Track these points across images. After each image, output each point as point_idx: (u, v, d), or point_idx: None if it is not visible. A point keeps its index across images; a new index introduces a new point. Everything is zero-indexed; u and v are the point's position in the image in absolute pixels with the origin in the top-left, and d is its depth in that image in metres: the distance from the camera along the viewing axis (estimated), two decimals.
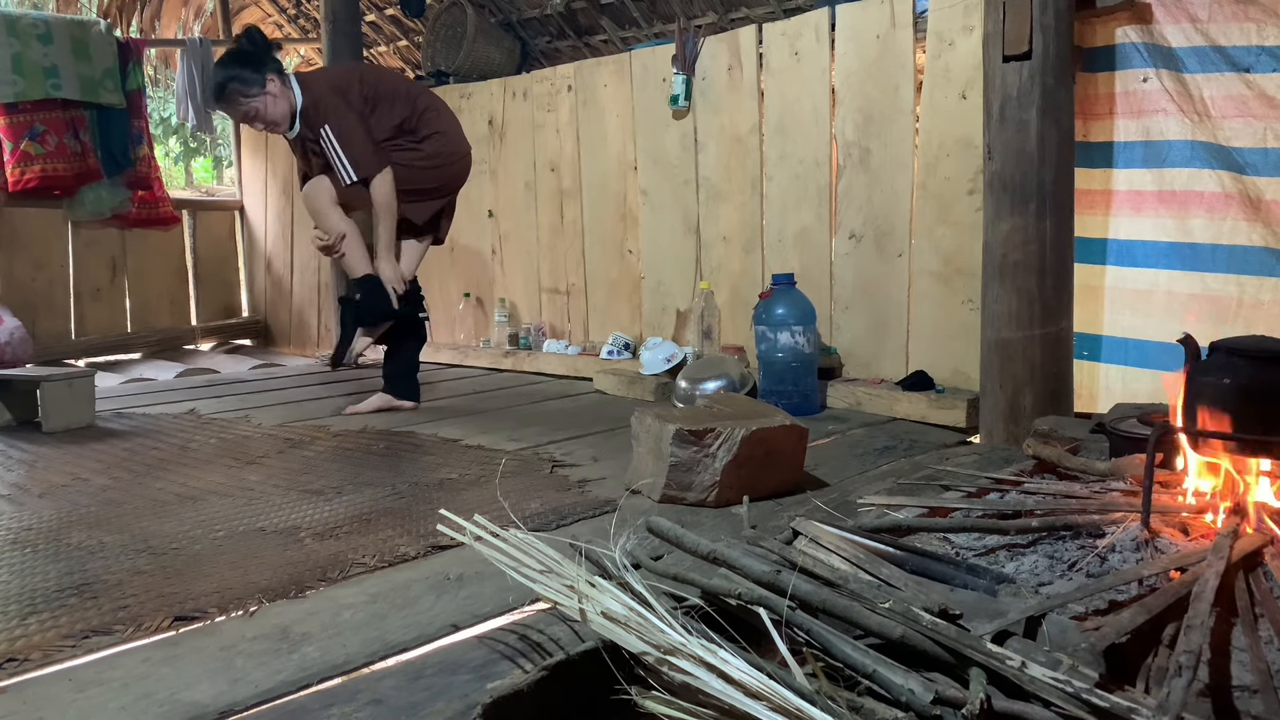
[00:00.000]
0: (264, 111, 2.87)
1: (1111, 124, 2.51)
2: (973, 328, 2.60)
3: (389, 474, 2.24)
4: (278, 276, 5.20)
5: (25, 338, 3.59)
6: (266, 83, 2.85)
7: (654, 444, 1.94)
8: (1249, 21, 2.25)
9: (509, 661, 1.19)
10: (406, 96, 3.03)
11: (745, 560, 1.20)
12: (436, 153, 3.06)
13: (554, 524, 1.80)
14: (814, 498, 1.84)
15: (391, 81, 3.07)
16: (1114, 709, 0.88)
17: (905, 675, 0.94)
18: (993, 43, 2.32)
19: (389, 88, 3.01)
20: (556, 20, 4.60)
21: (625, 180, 3.72)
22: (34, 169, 4.19)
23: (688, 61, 3.39)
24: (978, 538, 1.45)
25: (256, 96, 2.84)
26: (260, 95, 2.84)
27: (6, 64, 4.01)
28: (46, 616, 1.40)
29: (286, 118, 2.92)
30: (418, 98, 3.06)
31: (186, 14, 5.20)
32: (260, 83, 2.84)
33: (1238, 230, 2.32)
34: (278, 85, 2.87)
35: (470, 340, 4.32)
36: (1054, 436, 2.00)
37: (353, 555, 1.64)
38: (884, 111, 2.92)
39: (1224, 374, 1.36)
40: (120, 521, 1.89)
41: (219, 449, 2.58)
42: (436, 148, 3.06)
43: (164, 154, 10.49)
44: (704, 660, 0.91)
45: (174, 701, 1.13)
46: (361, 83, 2.96)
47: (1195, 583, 1.13)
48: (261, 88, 2.84)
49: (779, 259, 3.24)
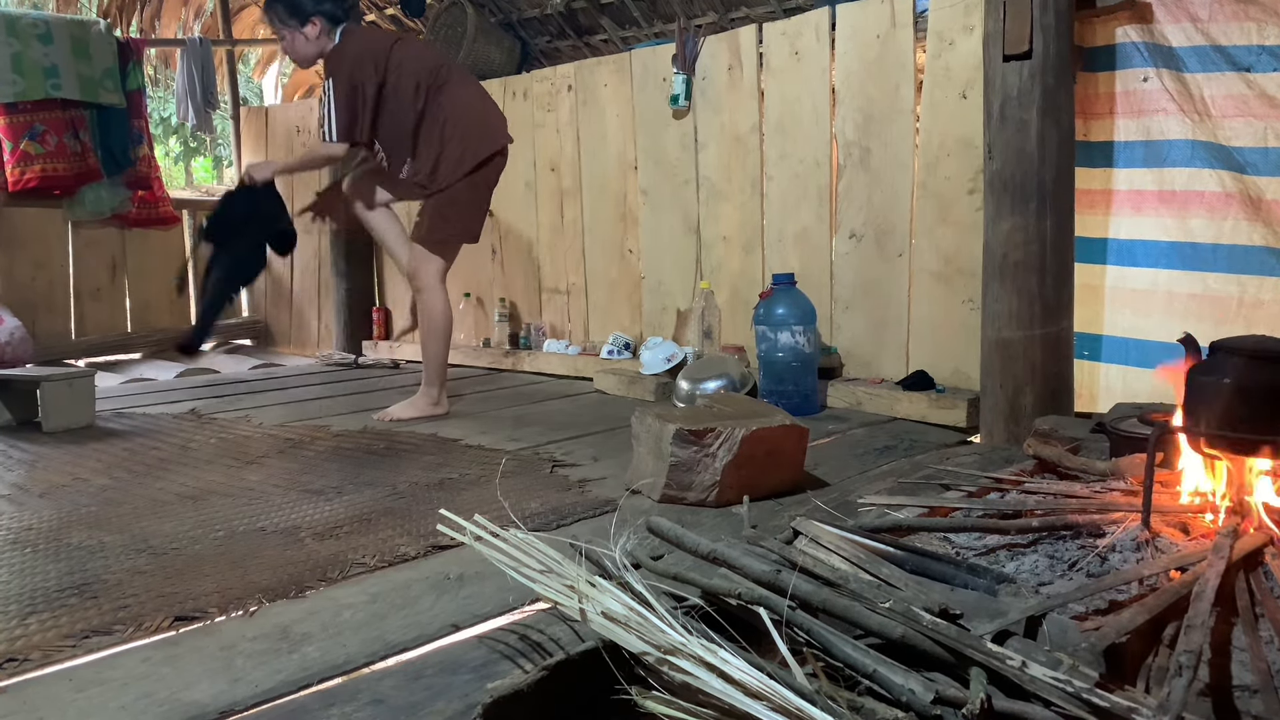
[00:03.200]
0: (289, 46, 2.96)
1: (1112, 123, 2.51)
2: (973, 327, 2.60)
3: (389, 474, 2.24)
4: (278, 276, 5.20)
5: (25, 337, 3.59)
6: (307, 23, 2.89)
7: (654, 444, 1.94)
8: (1249, 21, 2.25)
9: (509, 661, 1.19)
10: (415, 95, 2.91)
11: (745, 560, 1.20)
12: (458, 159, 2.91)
13: (554, 524, 1.80)
14: (814, 497, 1.84)
15: (413, 74, 2.90)
16: (1114, 709, 0.88)
17: (905, 675, 0.94)
18: (993, 42, 2.32)
19: (409, 79, 2.90)
20: (556, 20, 4.59)
21: (625, 180, 3.71)
22: (34, 169, 4.19)
23: (688, 61, 3.39)
24: (978, 537, 1.45)
25: (289, 29, 2.91)
26: (293, 31, 2.91)
27: (6, 64, 4.00)
28: (47, 616, 1.40)
29: (310, 60, 2.98)
30: (430, 99, 2.92)
31: (186, 14, 5.20)
32: (301, 20, 2.89)
33: (1238, 230, 2.31)
34: (318, 29, 2.90)
35: (470, 340, 4.32)
36: (1054, 436, 2.00)
37: (353, 555, 1.64)
38: (884, 111, 2.92)
39: (1224, 374, 1.36)
40: (120, 521, 1.89)
41: (219, 449, 2.58)
42: (454, 154, 2.91)
43: (164, 154, 10.50)
44: (704, 660, 0.91)
45: (174, 701, 1.13)
46: (389, 61, 2.88)
47: (1195, 582, 1.13)
48: (300, 26, 2.89)
49: (779, 259, 3.24)
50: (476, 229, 3.06)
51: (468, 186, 2.96)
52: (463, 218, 3.00)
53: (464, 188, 2.95)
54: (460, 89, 2.97)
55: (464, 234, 3.03)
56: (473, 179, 2.96)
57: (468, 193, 2.97)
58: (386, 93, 2.90)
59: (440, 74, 2.94)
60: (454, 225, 2.99)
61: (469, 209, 3.00)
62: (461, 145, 2.92)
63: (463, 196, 2.96)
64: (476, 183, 2.98)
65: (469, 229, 3.03)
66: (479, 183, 3.00)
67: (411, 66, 2.91)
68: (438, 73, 2.93)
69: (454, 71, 3.01)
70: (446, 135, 2.91)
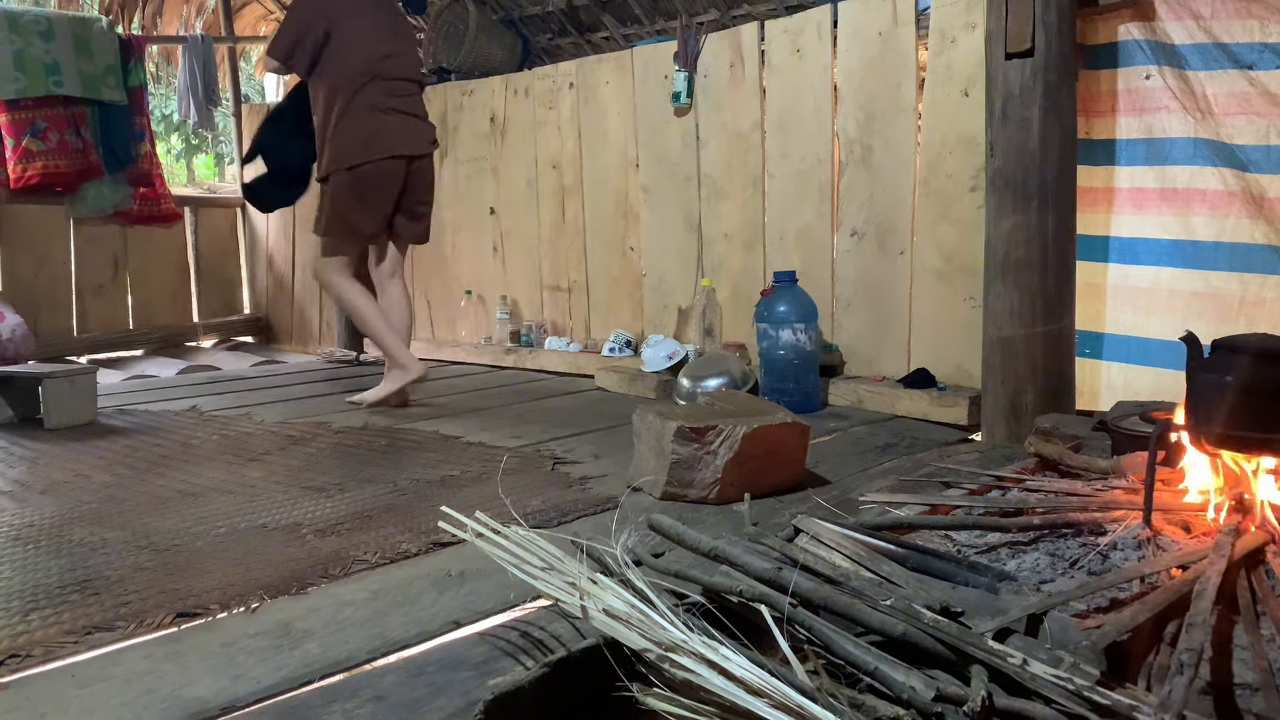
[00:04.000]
0: None
1: (1114, 121, 2.51)
2: (974, 325, 2.60)
3: (390, 471, 2.24)
4: (279, 273, 5.21)
5: (27, 334, 3.59)
6: None
7: (655, 441, 1.94)
8: (1252, 18, 2.24)
9: (510, 658, 1.19)
10: (338, 79, 2.96)
11: (746, 557, 1.20)
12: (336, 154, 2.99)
13: (555, 521, 1.80)
14: (815, 495, 1.84)
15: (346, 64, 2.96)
16: (1115, 706, 0.88)
17: (907, 672, 0.94)
18: (995, 40, 2.32)
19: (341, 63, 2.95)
20: (558, 17, 4.59)
21: (627, 177, 3.71)
22: (36, 166, 4.18)
23: (689, 58, 3.39)
24: (979, 535, 1.45)
25: None
26: None
27: (8, 61, 4.00)
28: (49, 613, 1.40)
29: None
30: (343, 89, 2.96)
31: (188, 11, 5.19)
32: None
33: (1240, 228, 2.31)
34: None
35: (472, 337, 4.32)
36: (1056, 434, 2.00)
37: (354, 552, 1.64)
38: (886, 109, 2.92)
39: (1226, 372, 1.36)
40: (122, 518, 1.89)
41: (220, 446, 2.58)
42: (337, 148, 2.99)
43: (166, 151, 10.50)
44: (705, 657, 0.91)
45: (176, 698, 1.13)
46: (342, 25, 2.96)
47: (1197, 580, 1.13)
48: None
49: (780, 256, 3.24)
50: (365, 227, 3.08)
51: (350, 180, 2.98)
52: (342, 213, 3.03)
53: (346, 181, 2.98)
54: (373, 93, 2.98)
55: (346, 230, 3.06)
56: (356, 173, 2.98)
57: (349, 187, 2.99)
58: (327, 51, 2.96)
59: (369, 72, 2.96)
60: (334, 221, 3.05)
61: (350, 205, 3.02)
62: (350, 140, 2.96)
63: (343, 191, 3.00)
64: (361, 179, 2.99)
65: (352, 225, 3.06)
66: (365, 180, 3.00)
67: (354, 52, 2.95)
68: (369, 69, 2.96)
69: (379, 81, 2.99)
70: (340, 127, 2.97)
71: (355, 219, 3.05)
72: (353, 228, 3.06)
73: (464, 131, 4.31)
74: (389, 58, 3.01)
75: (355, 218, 3.04)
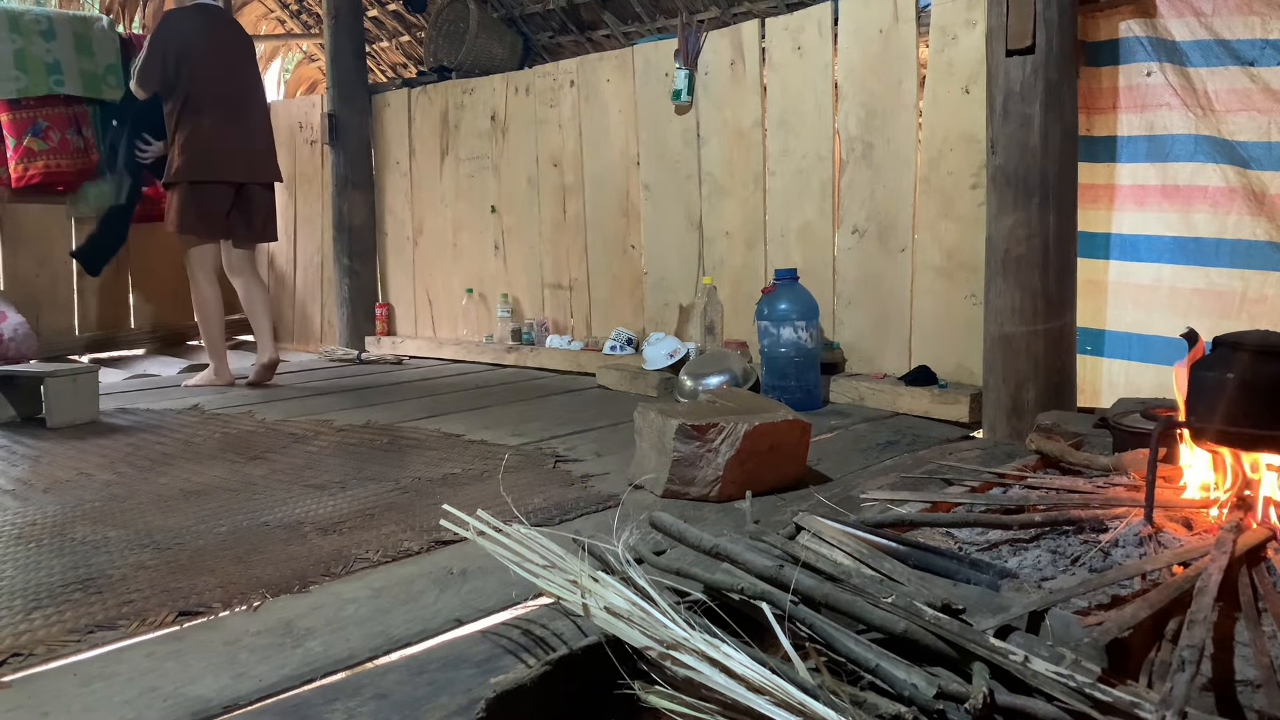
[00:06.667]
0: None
1: (1115, 118, 2.51)
2: (976, 323, 2.60)
3: (392, 469, 2.24)
4: (280, 272, 5.21)
5: (29, 333, 3.60)
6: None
7: (657, 439, 1.94)
8: (1253, 15, 2.24)
9: (512, 656, 1.19)
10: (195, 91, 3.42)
11: (748, 555, 1.20)
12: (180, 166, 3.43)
13: (557, 519, 1.80)
14: (817, 493, 1.84)
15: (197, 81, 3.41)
16: (1117, 703, 0.88)
17: (908, 670, 0.94)
18: (996, 37, 2.32)
19: (196, 82, 3.40)
20: (559, 15, 4.59)
21: (627, 175, 3.71)
22: (37, 165, 4.19)
23: (690, 56, 3.39)
24: (980, 532, 1.45)
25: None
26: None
27: (9, 60, 4.01)
28: (51, 611, 1.40)
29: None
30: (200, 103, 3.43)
31: None
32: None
33: (1241, 225, 2.31)
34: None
35: (473, 336, 4.32)
36: (1057, 431, 2.00)
37: (356, 550, 1.64)
38: (887, 106, 2.92)
39: (1227, 369, 1.36)
40: (124, 516, 1.89)
41: (222, 444, 2.58)
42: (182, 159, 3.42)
43: None
44: (707, 655, 0.91)
45: (178, 696, 1.13)
46: (192, 52, 3.39)
47: (1198, 577, 1.13)
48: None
49: (782, 254, 3.24)
50: (204, 230, 3.49)
51: (188, 189, 3.43)
52: (183, 216, 3.45)
53: (184, 189, 3.43)
54: (218, 113, 3.44)
55: (190, 230, 3.48)
56: (195, 186, 3.43)
57: (188, 195, 3.43)
58: (183, 74, 3.37)
59: (221, 91, 3.45)
60: (178, 222, 3.48)
61: (188, 211, 3.44)
62: (191, 156, 3.40)
63: (181, 197, 3.44)
64: (199, 189, 3.44)
65: (193, 227, 3.47)
66: (202, 191, 3.44)
67: (201, 76, 3.39)
68: (221, 88, 3.45)
69: (230, 100, 3.49)
70: (184, 143, 3.40)
71: (197, 222, 3.48)
72: (195, 230, 3.50)
73: (465, 130, 4.31)
74: (234, 90, 3.52)
75: (196, 221, 3.48)
